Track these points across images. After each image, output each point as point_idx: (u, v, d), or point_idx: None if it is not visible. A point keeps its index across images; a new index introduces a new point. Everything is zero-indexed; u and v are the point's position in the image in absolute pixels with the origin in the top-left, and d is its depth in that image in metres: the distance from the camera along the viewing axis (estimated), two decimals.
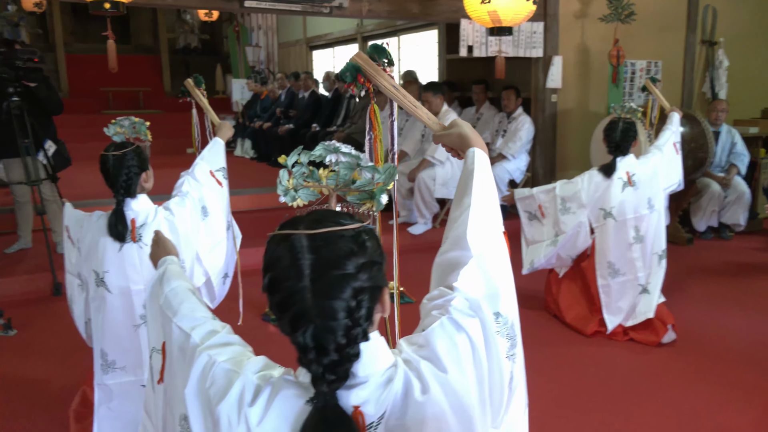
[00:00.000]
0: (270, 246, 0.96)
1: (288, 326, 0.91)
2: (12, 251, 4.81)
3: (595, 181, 3.53)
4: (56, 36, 12.67)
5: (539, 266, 3.75)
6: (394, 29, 8.88)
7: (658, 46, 6.32)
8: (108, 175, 2.38)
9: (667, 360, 3.32)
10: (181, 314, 1.18)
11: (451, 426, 0.94)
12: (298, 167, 1.25)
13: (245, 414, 0.92)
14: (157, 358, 1.25)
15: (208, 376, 1.00)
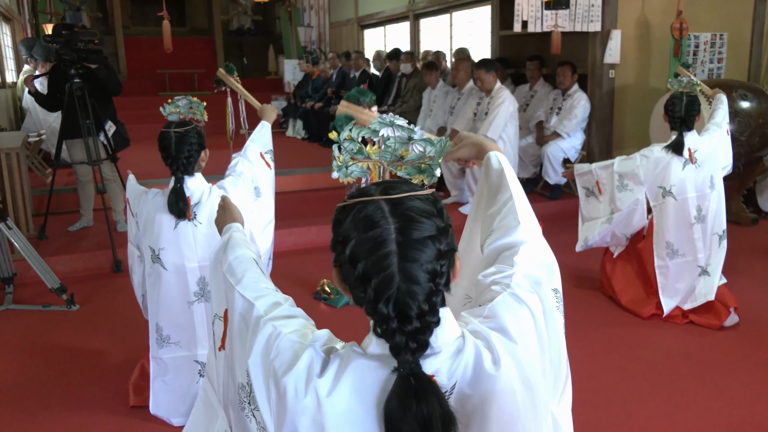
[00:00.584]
0: (346, 216, 0.93)
1: (372, 296, 0.89)
2: (75, 229, 4.99)
3: (654, 157, 3.40)
4: (115, 19, 13.00)
5: (593, 244, 3.67)
6: (446, 6, 8.74)
7: (723, 17, 6.03)
8: (169, 152, 2.41)
9: (728, 344, 3.20)
10: (244, 283, 1.16)
11: (519, 398, 0.95)
12: (349, 143, 1.21)
13: (314, 385, 0.90)
14: (219, 325, 1.23)
15: (273, 347, 0.98)
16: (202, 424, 1.34)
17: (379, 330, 0.90)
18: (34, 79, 4.99)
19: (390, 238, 0.89)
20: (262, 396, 0.96)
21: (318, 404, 0.90)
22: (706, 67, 6.06)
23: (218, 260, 1.29)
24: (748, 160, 5.18)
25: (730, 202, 5.10)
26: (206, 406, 1.35)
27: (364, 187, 0.98)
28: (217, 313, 1.25)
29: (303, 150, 8.79)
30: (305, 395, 0.90)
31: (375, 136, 1.21)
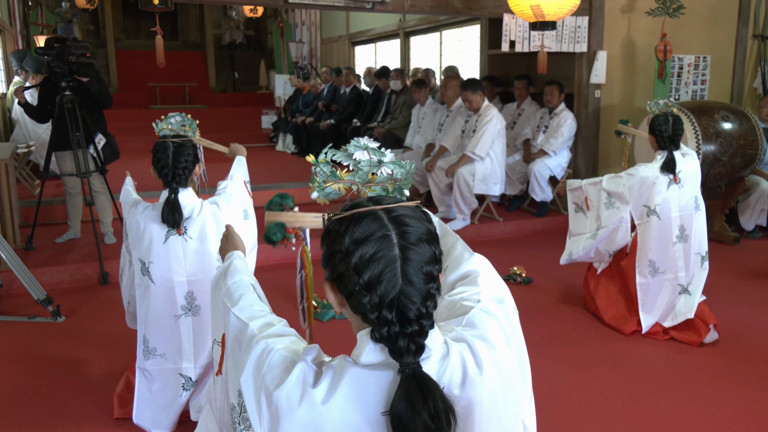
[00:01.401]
0: (345, 226, 0.95)
1: (377, 301, 0.92)
2: (62, 241, 4.98)
3: (640, 176, 3.45)
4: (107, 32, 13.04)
5: (577, 258, 3.73)
6: (436, 24, 8.86)
7: (707, 40, 6.16)
8: (166, 162, 2.43)
9: (708, 360, 3.25)
10: (240, 305, 1.20)
11: (500, 401, 1.01)
12: (324, 165, 1.30)
13: (309, 395, 0.92)
14: (217, 350, 1.27)
15: (264, 362, 1.00)
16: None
17: (379, 335, 0.93)
18: (25, 90, 5.00)
19: (393, 243, 0.93)
20: (254, 413, 0.98)
21: (313, 413, 0.91)
22: (690, 89, 6.17)
23: (218, 286, 1.34)
24: (730, 180, 5.27)
25: (712, 222, 5.19)
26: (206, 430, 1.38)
27: (353, 201, 1.01)
28: (216, 339, 1.29)
29: (293, 164, 8.83)
30: (299, 406, 0.92)
31: (348, 159, 1.28)
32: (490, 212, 5.85)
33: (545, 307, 4.00)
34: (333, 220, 0.98)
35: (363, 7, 5.08)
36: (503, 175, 5.68)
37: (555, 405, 2.82)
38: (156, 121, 2.63)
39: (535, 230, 5.82)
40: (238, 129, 11.23)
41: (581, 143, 5.97)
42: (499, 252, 5.15)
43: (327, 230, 1.00)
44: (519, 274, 4.47)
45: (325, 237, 1.00)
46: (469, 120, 5.78)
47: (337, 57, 11.93)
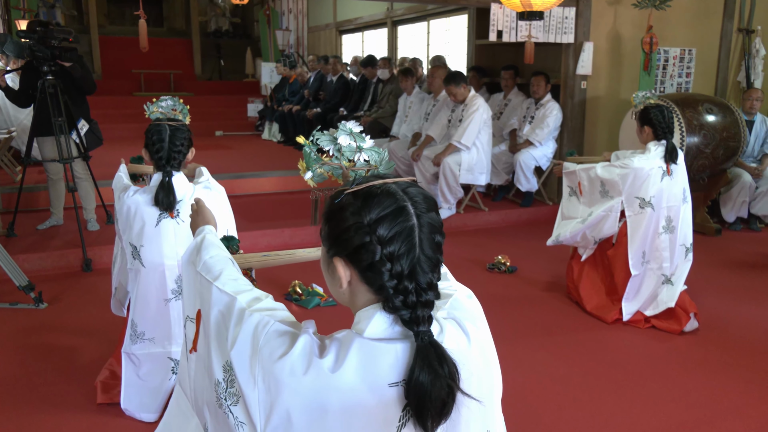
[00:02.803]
0: (361, 200, 0.96)
1: (398, 271, 0.94)
2: (44, 227, 4.93)
3: (635, 168, 3.43)
4: (91, 18, 12.86)
5: (563, 241, 3.76)
6: (423, 14, 8.83)
7: (692, 33, 6.20)
8: (161, 146, 2.41)
9: (688, 348, 3.29)
10: (222, 280, 1.15)
11: (485, 376, 1.05)
12: (309, 147, 1.31)
13: (316, 364, 0.92)
14: (191, 327, 1.21)
15: (261, 334, 0.98)
16: (175, 428, 1.32)
17: (394, 306, 0.95)
18: (5, 74, 4.93)
19: (410, 213, 0.95)
20: (248, 386, 0.96)
21: (321, 381, 0.91)
22: (675, 81, 6.21)
23: (191, 261, 1.28)
24: (713, 172, 5.32)
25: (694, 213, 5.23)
26: (178, 414, 1.32)
27: (362, 178, 1.02)
28: (189, 315, 1.23)
29: (278, 153, 8.79)
30: (304, 374, 0.91)
31: (332, 144, 1.31)
32: (476, 202, 5.86)
33: (529, 296, 4.03)
34: (346, 193, 0.98)
35: None
36: (489, 165, 5.70)
37: (536, 393, 2.84)
38: (147, 104, 2.61)
39: (520, 220, 5.85)
40: (224, 117, 11.15)
41: (567, 134, 5.99)
42: (484, 241, 5.17)
43: (339, 206, 0.98)
44: (503, 263, 4.49)
45: (337, 213, 0.98)
46: (455, 110, 5.78)
47: (324, 45, 11.87)
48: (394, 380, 0.92)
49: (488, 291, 4.08)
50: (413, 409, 0.92)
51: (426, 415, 0.91)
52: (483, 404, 1.02)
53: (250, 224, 5.05)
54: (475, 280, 4.24)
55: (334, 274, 1.00)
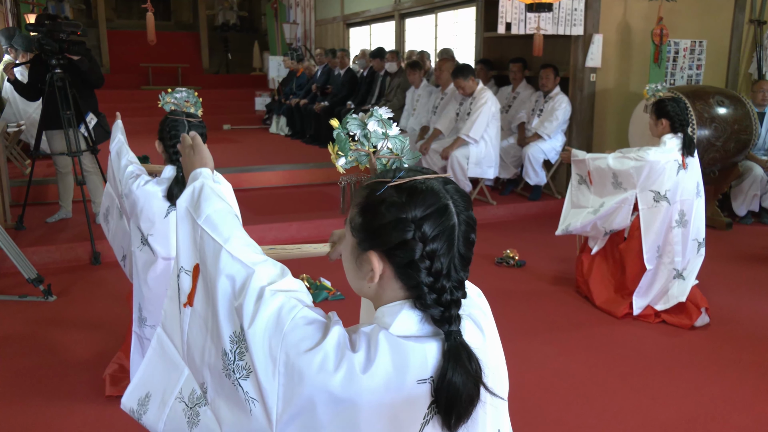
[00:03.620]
0: (405, 194, 0.94)
1: (438, 268, 0.93)
2: (53, 221, 4.95)
3: (651, 161, 3.38)
4: (99, 12, 12.88)
5: (573, 231, 3.73)
6: (431, 6, 8.78)
7: (703, 24, 6.14)
8: (178, 141, 2.41)
9: (698, 343, 3.27)
10: (234, 244, 1.06)
11: (496, 375, 1.05)
12: (341, 132, 1.27)
13: (349, 360, 0.90)
14: (186, 280, 1.13)
15: (287, 319, 0.94)
16: (160, 378, 1.20)
17: (425, 304, 0.94)
18: (14, 68, 4.94)
19: (452, 212, 0.94)
20: (266, 369, 0.93)
21: (352, 379, 0.89)
22: (685, 73, 6.16)
23: (190, 209, 1.16)
24: (724, 165, 5.28)
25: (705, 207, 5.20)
26: (164, 360, 1.20)
27: (395, 170, 1.00)
28: (184, 266, 1.13)
29: (286, 146, 8.79)
30: (336, 370, 0.89)
31: (361, 129, 1.27)
32: (484, 195, 5.84)
33: (537, 291, 4.01)
34: (388, 187, 0.95)
35: None
36: (497, 158, 5.67)
37: (544, 388, 2.83)
38: (162, 94, 2.61)
39: (528, 214, 5.82)
40: (232, 111, 11.16)
41: (576, 127, 5.95)
42: (492, 235, 5.15)
43: (380, 199, 0.95)
44: (512, 257, 4.47)
45: (378, 206, 0.95)
46: (463, 103, 5.75)
47: (331, 39, 11.84)
48: (421, 377, 0.92)
49: (497, 285, 4.07)
50: (442, 408, 0.92)
51: (453, 414, 0.91)
52: (496, 403, 1.02)
53: (257, 218, 5.05)
54: (483, 275, 4.22)
55: (362, 267, 0.99)
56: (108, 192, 2.78)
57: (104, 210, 2.86)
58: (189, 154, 1.36)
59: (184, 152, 1.37)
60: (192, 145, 1.37)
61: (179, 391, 1.14)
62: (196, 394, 1.10)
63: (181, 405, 1.13)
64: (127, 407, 1.21)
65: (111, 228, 2.77)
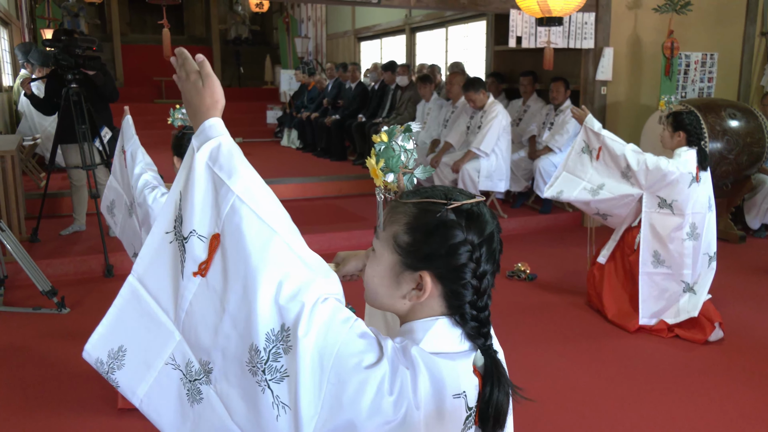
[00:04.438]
0: (464, 217, 0.97)
1: (485, 288, 0.99)
2: (67, 233, 4.99)
3: (665, 170, 3.36)
4: (113, 26, 13.05)
5: (566, 198, 3.69)
6: (442, 20, 8.84)
7: (714, 37, 6.13)
8: None
9: (713, 357, 3.24)
10: (290, 234, 0.97)
11: None
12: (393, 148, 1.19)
13: (402, 380, 0.89)
14: (198, 246, 0.98)
15: (341, 330, 0.90)
16: (138, 335, 1.06)
17: (464, 320, 0.98)
18: (32, 82, 5.02)
19: (496, 236, 1.01)
20: (312, 378, 0.89)
21: (402, 399, 0.89)
22: (696, 86, 6.15)
23: (211, 165, 1.00)
24: (737, 178, 5.25)
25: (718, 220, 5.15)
26: (140, 315, 1.06)
27: (432, 188, 1.01)
28: (196, 230, 0.99)
29: (297, 159, 8.84)
30: (391, 392, 0.88)
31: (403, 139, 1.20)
32: (495, 209, 5.84)
33: (549, 304, 3.99)
34: (444, 210, 0.96)
35: (369, 2, 5.07)
36: (508, 171, 5.67)
37: (557, 402, 2.81)
38: (171, 110, 2.64)
39: (539, 227, 5.81)
40: (243, 124, 11.24)
41: None
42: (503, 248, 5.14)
43: (441, 222, 0.95)
44: (523, 270, 4.46)
45: (437, 228, 0.96)
46: (474, 116, 5.77)
47: (342, 52, 11.92)
48: (456, 393, 0.94)
49: (508, 299, 4.05)
50: (489, 425, 0.97)
51: (496, 428, 0.97)
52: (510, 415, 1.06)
53: None
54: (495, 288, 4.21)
55: (401, 285, 0.99)
56: (113, 186, 2.83)
57: (108, 203, 2.89)
58: (195, 84, 1.05)
59: (187, 79, 1.06)
60: (200, 72, 1.05)
61: (170, 357, 1.04)
62: (193, 368, 1.01)
63: (176, 373, 1.03)
64: (92, 357, 1.09)
65: (119, 222, 2.81)
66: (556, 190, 3.70)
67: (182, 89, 1.07)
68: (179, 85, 1.08)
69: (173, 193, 1.05)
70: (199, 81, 1.05)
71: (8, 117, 8.12)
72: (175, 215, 1.03)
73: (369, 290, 1.05)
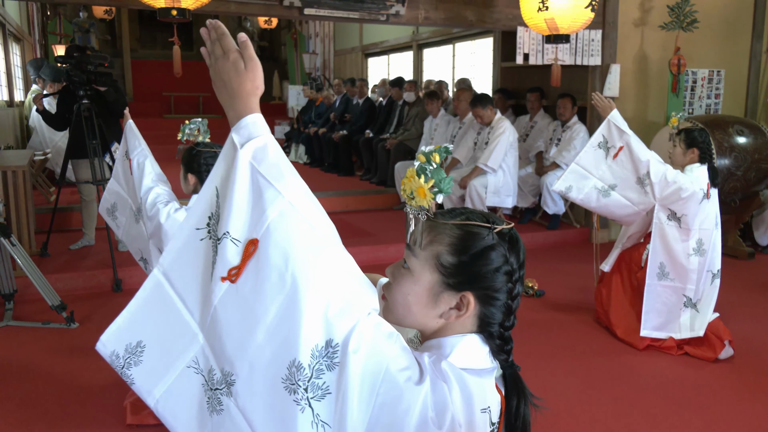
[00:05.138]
0: (505, 241, 1.00)
1: (514, 307, 1.04)
2: (77, 248, 5.02)
3: (678, 186, 3.35)
4: (123, 42, 13.19)
5: (573, 197, 3.53)
6: (449, 37, 8.89)
7: (721, 54, 6.15)
8: None
9: (723, 375, 3.22)
10: (338, 243, 0.93)
11: None
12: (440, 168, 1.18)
13: (441, 391, 0.91)
14: (231, 250, 0.92)
15: (390, 344, 0.90)
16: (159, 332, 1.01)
17: (496, 337, 1.02)
18: (43, 98, 5.07)
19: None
20: (361, 395, 0.87)
21: (443, 414, 0.91)
22: (703, 103, 6.15)
23: (255, 165, 0.93)
24: (745, 194, 5.24)
25: (726, 236, 5.15)
26: (163, 312, 1.01)
27: (468, 210, 1.03)
28: (230, 232, 0.92)
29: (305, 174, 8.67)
30: (434, 407, 0.90)
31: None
32: None
33: (557, 320, 3.98)
34: (491, 234, 0.99)
35: (378, 19, 5.12)
36: (516, 187, 5.68)
37: (566, 420, 2.80)
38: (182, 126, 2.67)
39: (547, 243, 5.81)
40: None
41: None
42: None
43: (489, 245, 0.98)
44: (531, 286, 4.45)
45: (485, 251, 0.98)
46: (481, 132, 5.79)
47: (350, 68, 11.99)
48: (483, 407, 0.96)
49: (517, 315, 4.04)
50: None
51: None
52: None
53: None
54: None
55: (439, 304, 1.00)
56: (114, 189, 2.85)
57: (109, 205, 2.91)
58: (236, 65, 0.98)
59: (225, 58, 0.98)
60: (242, 53, 0.99)
61: (194, 359, 0.98)
62: (215, 376, 0.96)
63: (198, 378, 0.98)
64: (107, 349, 1.03)
65: (122, 224, 2.82)
66: (565, 185, 3.52)
67: (216, 67, 0.99)
68: (209, 62, 1.00)
69: (208, 188, 0.98)
70: (241, 62, 0.98)
71: (19, 132, 8.20)
72: (210, 212, 0.97)
73: (399, 307, 1.02)
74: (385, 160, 7.61)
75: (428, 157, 1.11)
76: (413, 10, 5.13)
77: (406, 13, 5.08)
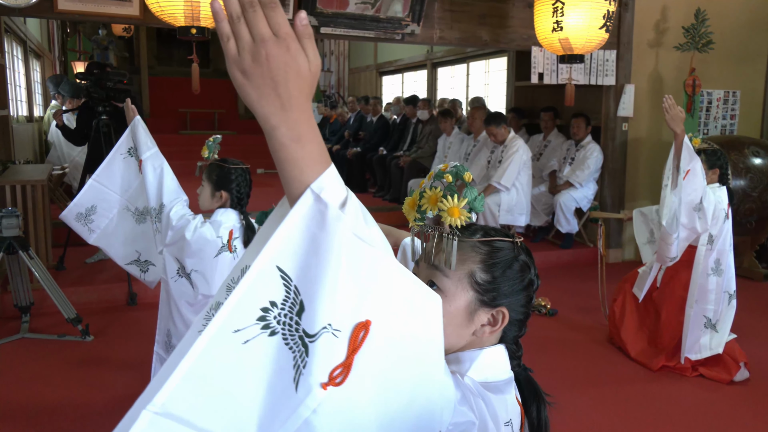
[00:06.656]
0: (528, 257, 1.04)
1: (528, 317, 1.06)
2: (92, 261, 5.07)
3: (716, 205, 3.32)
4: (141, 59, 13.36)
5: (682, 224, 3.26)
6: (463, 56, 8.95)
7: (736, 75, 6.14)
8: (247, 189, 2.52)
9: (739, 398, 3.18)
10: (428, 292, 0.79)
11: None
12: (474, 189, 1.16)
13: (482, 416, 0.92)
14: (333, 343, 0.70)
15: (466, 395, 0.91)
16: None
17: (508, 345, 1.05)
18: (63, 114, 5.16)
19: None
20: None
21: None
22: (719, 123, 6.14)
23: (359, 236, 0.71)
24: (761, 216, 5.20)
25: (742, 258, 5.12)
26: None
27: (484, 226, 1.06)
28: (332, 324, 0.70)
29: None
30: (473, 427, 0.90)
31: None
32: None
33: (569, 340, 3.96)
34: (519, 248, 1.03)
35: (393, 38, 5.17)
36: (529, 206, 5.68)
37: None
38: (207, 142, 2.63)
39: (560, 262, 5.79)
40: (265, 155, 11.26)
41: (608, 176, 5.95)
42: None
43: (516, 258, 1.02)
44: (544, 305, 4.44)
45: (513, 264, 1.02)
46: (494, 151, 5.81)
47: (364, 86, 12.09)
48: (506, 420, 0.97)
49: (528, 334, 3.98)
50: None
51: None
52: None
53: None
54: None
55: (474, 320, 1.00)
56: (95, 191, 2.66)
57: (82, 210, 2.67)
58: (297, 59, 0.68)
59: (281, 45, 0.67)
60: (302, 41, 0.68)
61: None
62: None
63: None
64: None
65: (98, 228, 2.70)
66: (670, 218, 3.28)
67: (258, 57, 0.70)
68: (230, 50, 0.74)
69: (263, 269, 0.70)
70: (303, 54, 0.68)
71: (38, 146, 8.31)
72: (270, 300, 0.70)
73: None
74: (398, 177, 7.64)
75: (461, 175, 1.08)
76: (428, 30, 5.18)
77: (421, 32, 5.13)
